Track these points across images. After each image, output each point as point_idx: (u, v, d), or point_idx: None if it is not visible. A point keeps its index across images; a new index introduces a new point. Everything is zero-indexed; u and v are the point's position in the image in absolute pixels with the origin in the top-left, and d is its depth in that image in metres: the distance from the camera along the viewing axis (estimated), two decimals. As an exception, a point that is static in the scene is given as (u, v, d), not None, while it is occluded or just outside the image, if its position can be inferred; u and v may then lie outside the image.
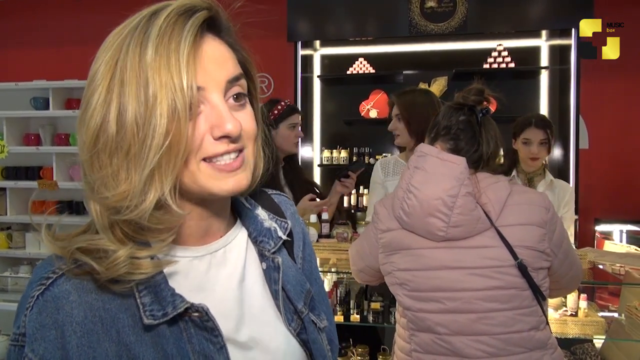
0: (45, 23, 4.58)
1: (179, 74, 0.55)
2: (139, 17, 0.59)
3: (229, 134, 0.59)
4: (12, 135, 3.76)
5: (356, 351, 2.16)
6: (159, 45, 0.55)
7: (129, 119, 0.55)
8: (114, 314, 0.58)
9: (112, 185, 0.56)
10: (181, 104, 0.55)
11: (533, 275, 1.25)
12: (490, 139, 1.37)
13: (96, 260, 0.56)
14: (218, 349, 0.62)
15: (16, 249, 3.81)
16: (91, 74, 0.58)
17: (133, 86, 0.55)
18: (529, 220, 1.26)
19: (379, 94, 4.04)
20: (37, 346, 0.56)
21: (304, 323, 0.72)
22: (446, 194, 1.25)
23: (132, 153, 0.55)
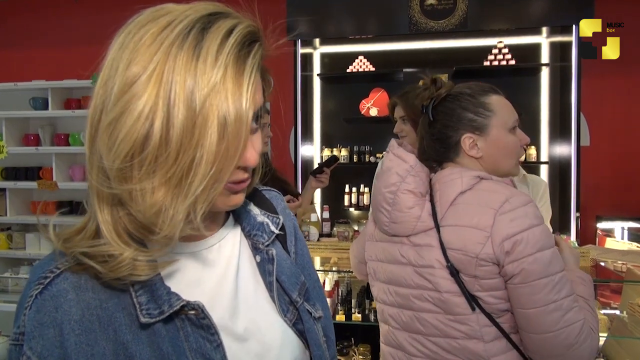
0: (44, 23, 4.57)
1: (240, 102, 0.55)
2: (184, 22, 0.56)
3: (249, 166, 0.61)
4: (11, 135, 3.76)
5: (358, 350, 2.15)
6: (225, 68, 0.55)
7: (175, 139, 0.53)
8: (111, 312, 0.59)
9: (149, 198, 0.55)
10: (233, 135, 0.55)
11: (466, 281, 1.15)
12: (442, 128, 1.27)
13: (100, 263, 0.58)
14: (215, 346, 0.63)
15: (16, 250, 3.81)
16: (128, 76, 0.54)
17: (182, 106, 0.53)
18: (468, 221, 1.14)
19: (379, 92, 4.03)
20: (36, 344, 0.56)
21: (299, 313, 0.74)
22: (387, 190, 1.24)
23: (172, 173, 0.55)
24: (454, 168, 1.24)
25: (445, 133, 1.25)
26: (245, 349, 0.67)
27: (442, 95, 1.26)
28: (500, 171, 1.26)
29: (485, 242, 1.12)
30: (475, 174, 1.20)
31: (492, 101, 1.25)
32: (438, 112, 1.27)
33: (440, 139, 1.27)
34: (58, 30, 4.51)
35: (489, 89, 1.28)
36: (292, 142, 4.17)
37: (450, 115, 1.25)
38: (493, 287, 1.14)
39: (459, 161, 1.27)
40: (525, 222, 1.10)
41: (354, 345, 2.19)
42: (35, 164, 3.83)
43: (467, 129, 1.23)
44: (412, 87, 2.34)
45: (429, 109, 1.28)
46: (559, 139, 3.90)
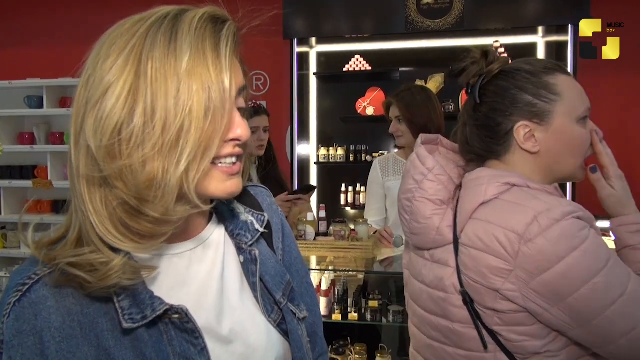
0: (39, 22, 4.55)
1: (220, 74, 0.57)
2: (159, 13, 0.59)
3: (239, 138, 0.61)
4: (6, 134, 3.75)
5: (354, 349, 2.15)
6: (199, 45, 0.57)
7: (160, 112, 0.55)
8: (93, 318, 0.58)
9: (140, 172, 0.56)
10: (219, 104, 0.57)
11: (483, 314, 0.94)
12: (489, 112, 1.01)
13: (88, 273, 0.56)
14: (199, 350, 0.62)
15: (11, 249, 3.80)
16: (106, 66, 0.56)
17: (162, 82, 0.55)
18: (486, 244, 0.91)
19: (376, 91, 4.03)
20: (15, 353, 0.56)
21: (283, 313, 0.73)
22: (404, 197, 1.08)
23: (161, 144, 0.55)
24: (484, 170, 1.01)
25: (493, 119, 0.99)
26: (229, 352, 0.67)
27: (493, 71, 1.00)
28: (560, 173, 1.03)
29: (508, 277, 0.89)
30: (505, 179, 0.96)
31: (559, 82, 0.97)
32: (487, 92, 1.01)
33: (486, 126, 1.01)
34: (53, 28, 4.49)
35: (554, 66, 1.00)
36: (288, 141, 4.17)
37: (502, 97, 0.98)
38: (519, 321, 0.92)
39: (507, 159, 1.01)
40: (560, 249, 0.84)
41: (350, 344, 2.19)
42: (30, 163, 3.83)
43: (523, 116, 0.97)
44: (408, 86, 2.34)
45: (475, 89, 1.01)
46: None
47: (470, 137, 1.05)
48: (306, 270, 0.87)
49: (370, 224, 2.27)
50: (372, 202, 2.42)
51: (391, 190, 2.34)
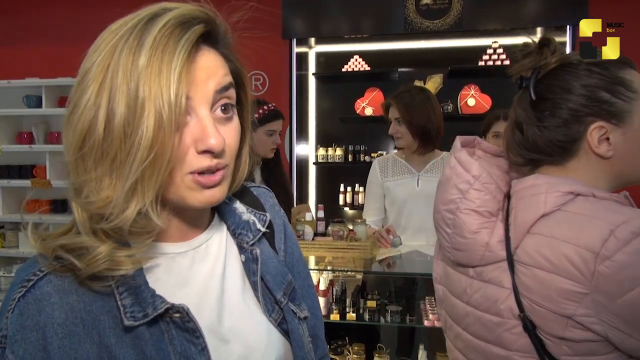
0: (38, 21, 4.55)
1: (169, 86, 0.55)
2: (136, 18, 0.58)
3: (211, 149, 0.58)
4: (4, 133, 3.74)
5: (352, 349, 2.15)
6: (153, 55, 0.55)
7: (117, 125, 0.54)
8: (95, 315, 0.59)
9: (96, 190, 0.56)
10: (167, 117, 0.55)
11: (549, 342, 0.83)
12: (555, 110, 0.89)
13: (77, 257, 0.57)
14: (199, 350, 0.62)
15: (9, 248, 3.79)
16: (81, 74, 0.57)
17: (123, 93, 0.54)
18: (554, 264, 0.80)
19: (374, 91, 4.04)
20: (18, 348, 0.56)
21: (284, 313, 0.73)
22: (445, 208, 0.96)
23: (117, 161, 0.55)
24: (540, 177, 0.89)
25: (562, 118, 0.88)
26: (229, 351, 0.67)
27: (551, 65, 0.90)
28: (630, 178, 0.91)
29: (582, 300, 0.78)
30: (567, 187, 0.84)
31: (634, 78, 0.88)
32: (549, 87, 0.90)
33: (552, 126, 0.89)
34: (52, 28, 4.48)
35: (624, 59, 0.91)
36: (287, 141, 4.17)
37: (572, 93, 0.87)
38: (592, 351, 0.80)
39: (569, 164, 0.90)
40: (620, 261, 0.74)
41: (349, 344, 2.19)
42: (28, 162, 3.82)
43: (600, 115, 0.85)
44: (407, 87, 2.35)
45: (530, 83, 0.91)
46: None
47: (531, 138, 0.92)
48: (308, 272, 0.86)
49: (369, 224, 2.28)
50: (371, 202, 2.42)
51: (390, 191, 2.34)
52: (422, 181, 2.30)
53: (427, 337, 2.19)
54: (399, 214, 2.32)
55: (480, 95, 3.88)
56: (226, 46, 0.65)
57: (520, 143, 0.94)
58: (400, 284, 2.23)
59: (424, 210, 2.27)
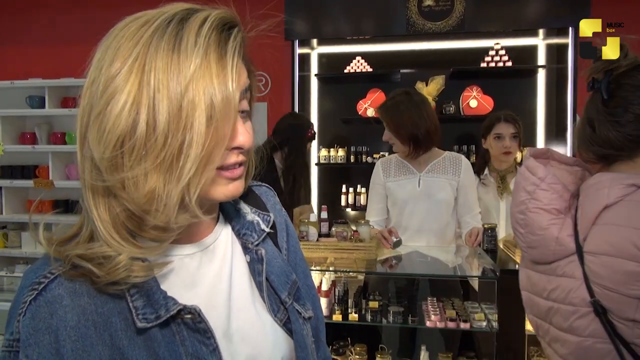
0: (41, 21, 4.56)
1: (225, 86, 0.56)
2: (164, 16, 0.58)
3: (241, 146, 0.61)
4: (7, 134, 3.75)
5: (354, 350, 2.15)
6: (204, 55, 0.56)
7: (162, 124, 0.55)
8: (107, 317, 0.59)
9: (141, 185, 0.56)
10: (221, 115, 0.56)
11: (620, 327, 0.87)
12: (627, 107, 0.95)
13: (97, 265, 0.57)
14: (211, 350, 0.63)
15: (12, 249, 3.80)
16: (112, 72, 0.56)
17: (165, 92, 0.55)
18: (618, 249, 0.86)
19: (376, 92, 4.04)
20: (32, 351, 0.56)
21: (289, 313, 0.73)
22: (517, 210, 1.03)
23: (161, 157, 0.55)
24: (604, 175, 0.96)
25: (636, 114, 0.94)
26: (238, 351, 0.67)
27: (622, 67, 0.97)
28: None
29: None
30: (630, 181, 0.91)
31: None
32: (621, 86, 0.97)
33: (625, 122, 0.95)
34: (55, 28, 4.50)
35: None
36: (289, 142, 4.17)
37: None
38: None
39: None
40: None
41: (351, 345, 2.19)
42: (31, 163, 3.83)
43: None
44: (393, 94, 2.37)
45: (602, 85, 0.98)
46: (555, 141, 3.91)
47: (602, 134, 0.97)
48: (308, 271, 0.87)
49: (372, 224, 2.28)
50: (374, 202, 2.43)
51: (392, 191, 2.35)
52: (423, 181, 2.30)
53: (428, 337, 2.19)
54: (400, 214, 2.33)
55: (482, 97, 3.88)
56: (245, 48, 0.66)
57: (592, 139, 1.00)
58: (402, 285, 2.23)
59: (424, 210, 2.28)
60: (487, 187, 2.61)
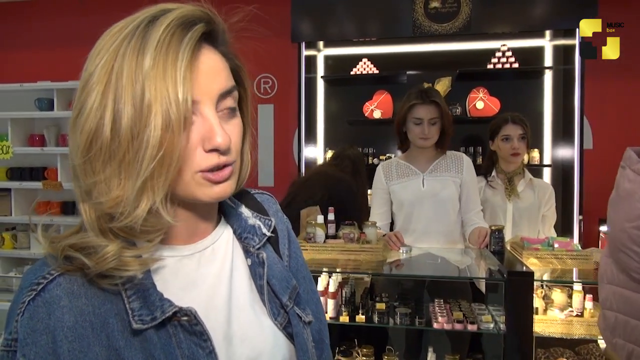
0: (50, 24, 4.60)
1: (175, 87, 0.56)
2: (136, 20, 0.59)
3: (218, 147, 0.60)
4: (16, 136, 3.78)
5: (361, 351, 2.16)
6: (157, 56, 0.55)
7: (124, 126, 0.55)
8: (104, 318, 0.59)
9: (105, 191, 0.57)
10: (175, 117, 0.56)
11: None
12: None
13: (86, 255, 0.58)
14: (207, 353, 0.63)
15: (21, 249, 3.83)
16: (85, 77, 0.58)
17: (129, 94, 0.55)
18: None
19: (383, 94, 4.04)
20: (29, 351, 0.56)
21: (289, 316, 0.74)
22: (632, 225, 0.89)
23: (126, 161, 0.56)
24: None
25: None
26: (237, 354, 0.67)
27: None
28: None
29: None
30: None
31: None
32: None
33: None
34: (64, 31, 4.53)
35: None
36: (295, 144, 4.18)
37: None
38: None
39: None
40: None
41: (358, 346, 2.19)
42: (40, 164, 3.86)
43: None
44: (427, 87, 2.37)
45: None
46: (562, 142, 3.90)
47: None
48: (311, 277, 0.87)
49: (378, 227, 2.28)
50: (377, 206, 2.43)
51: (396, 194, 2.35)
52: (427, 181, 2.31)
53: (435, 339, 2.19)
54: (406, 216, 2.33)
55: (489, 98, 3.87)
56: (225, 44, 0.66)
57: None
58: (409, 286, 2.23)
59: (430, 210, 2.28)
60: (495, 189, 2.61)
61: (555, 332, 2.01)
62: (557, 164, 3.93)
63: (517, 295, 1.69)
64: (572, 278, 2.01)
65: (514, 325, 1.72)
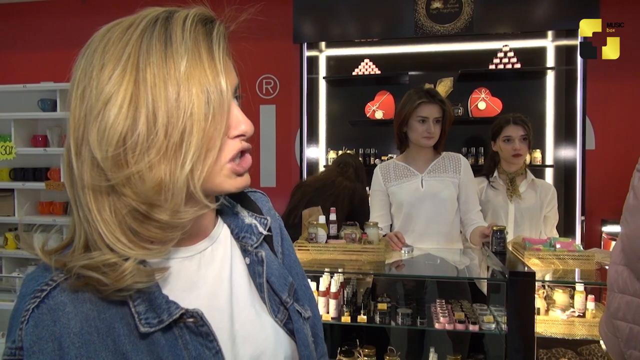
0: (53, 25, 4.61)
1: (216, 76, 0.59)
2: (148, 17, 0.60)
3: (244, 133, 0.63)
4: (20, 136, 3.79)
5: (363, 352, 2.16)
6: (191, 49, 0.58)
7: (161, 117, 0.56)
8: (110, 323, 0.59)
9: (148, 178, 0.57)
10: (218, 106, 0.58)
11: None
12: None
13: (103, 274, 0.57)
14: (214, 353, 0.63)
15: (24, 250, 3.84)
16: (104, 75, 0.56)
17: (162, 88, 0.56)
18: None
19: (385, 95, 4.05)
20: (35, 359, 0.56)
21: (289, 313, 0.75)
22: None
23: (165, 148, 0.57)
24: None
25: None
26: (241, 352, 0.68)
27: None
28: None
29: None
30: None
31: None
32: None
33: None
34: (67, 32, 4.55)
35: None
36: (297, 145, 4.19)
37: None
38: None
39: None
40: None
41: (359, 346, 2.20)
42: (43, 165, 3.87)
43: None
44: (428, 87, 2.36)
45: None
46: (564, 142, 3.90)
47: None
48: (304, 273, 0.88)
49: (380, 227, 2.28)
50: (376, 209, 2.43)
51: (395, 195, 2.35)
52: (426, 182, 2.31)
53: (437, 340, 2.19)
54: (405, 217, 2.33)
55: (491, 99, 3.87)
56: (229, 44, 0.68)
57: None
58: (411, 287, 2.23)
59: (430, 211, 2.28)
60: (497, 189, 2.61)
61: (557, 333, 2.01)
62: (559, 164, 3.93)
63: (519, 296, 1.69)
64: (574, 278, 2.00)
65: (516, 326, 1.72)
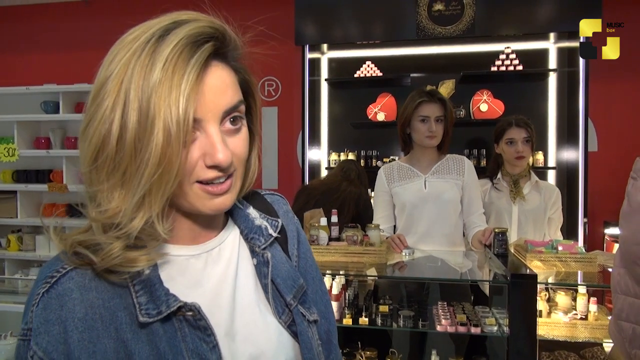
0: (56, 27, 4.63)
1: (177, 106, 0.57)
2: (148, 32, 0.59)
3: (219, 164, 0.61)
4: (22, 138, 3.81)
5: (364, 354, 2.15)
6: (164, 75, 0.57)
7: (129, 140, 0.57)
8: (113, 311, 0.62)
9: (107, 201, 0.59)
10: (175, 135, 0.57)
11: None
12: None
13: (93, 252, 0.60)
14: (211, 347, 0.65)
15: (26, 252, 3.85)
16: (97, 87, 0.60)
17: (135, 109, 0.57)
18: None
19: (386, 97, 4.05)
20: (41, 340, 0.59)
21: (293, 315, 0.75)
22: None
23: (127, 174, 0.58)
24: None
25: None
26: (240, 350, 0.69)
27: None
28: None
29: None
30: None
31: None
32: None
33: None
34: (70, 34, 4.56)
35: None
36: (299, 147, 4.19)
37: None
38: None
39: None
40: None
41: (361, 349, 2.19)
42: (46, 167, 3.89)
43: None
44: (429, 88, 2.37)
45: None
46: (567, 144, 3.89)
47: None
48: (321, 277, 0.88)
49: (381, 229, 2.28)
50: (380, 210, 2.43)
51: (399, 196, 2.35)
52: (430, 183, 2.31)
53: (439, 342, 2.18)
54: (408, 218, 2.33)
55: (493, 101, 3.87)
56: (235, 59, 0.67)
57: None
58: (412, 289, 2.23)
59: (433, 212, 2.28)
60: (500, 191, 2.61)
61: (559, 335, 2.00)
62: (561, 166, 3.92)
63: (521, 298, 1.69)
64: (576, 281, 2.00)
65: (518, 328, 1.72)
